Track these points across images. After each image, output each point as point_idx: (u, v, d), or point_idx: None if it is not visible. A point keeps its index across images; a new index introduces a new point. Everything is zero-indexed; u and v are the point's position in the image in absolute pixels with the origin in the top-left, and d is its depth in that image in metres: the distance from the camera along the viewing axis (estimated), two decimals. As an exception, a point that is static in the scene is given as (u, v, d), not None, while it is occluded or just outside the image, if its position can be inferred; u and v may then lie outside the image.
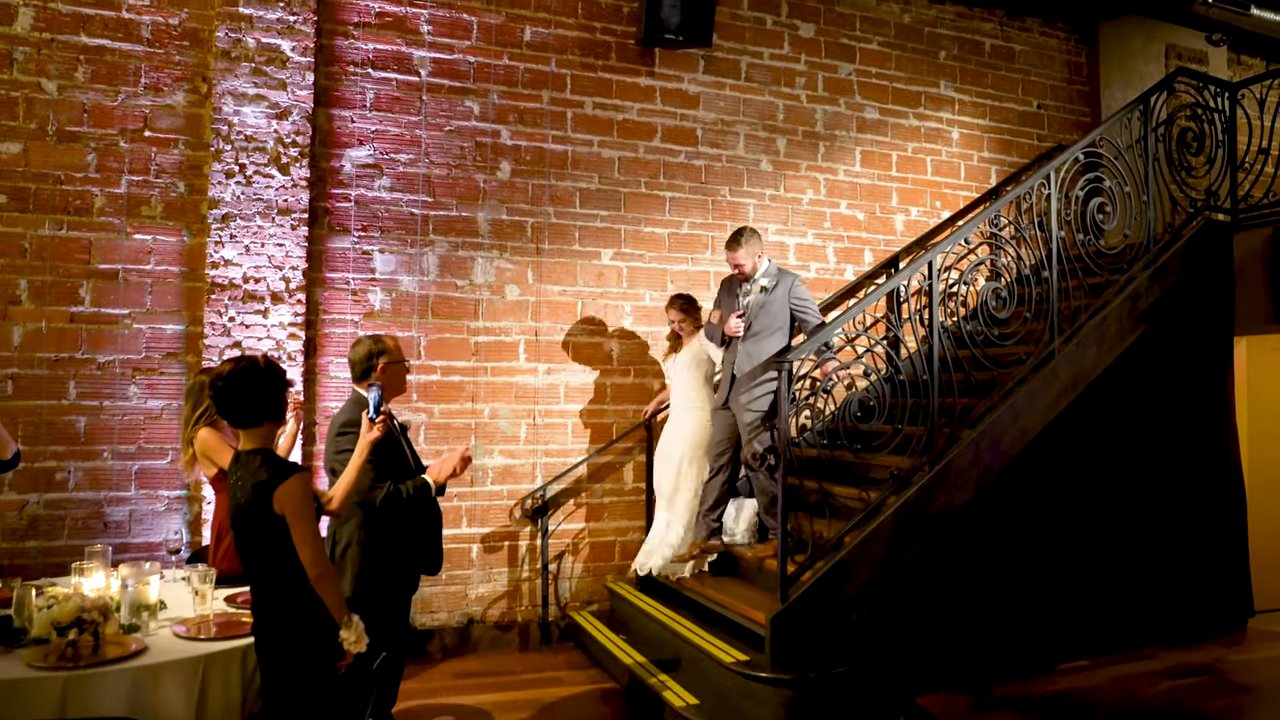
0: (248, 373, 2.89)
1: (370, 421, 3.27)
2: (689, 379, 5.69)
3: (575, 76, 6.07)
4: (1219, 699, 4.95)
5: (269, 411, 2.93)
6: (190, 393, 4.23)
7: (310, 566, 2.81)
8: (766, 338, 5.20)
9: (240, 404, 2.88)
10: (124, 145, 5.14)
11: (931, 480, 4.88)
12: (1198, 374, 6.15)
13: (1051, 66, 7.62)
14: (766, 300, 5.22)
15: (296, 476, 2.81)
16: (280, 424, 3.05)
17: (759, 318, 5.22)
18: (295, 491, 2.79)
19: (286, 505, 2.78)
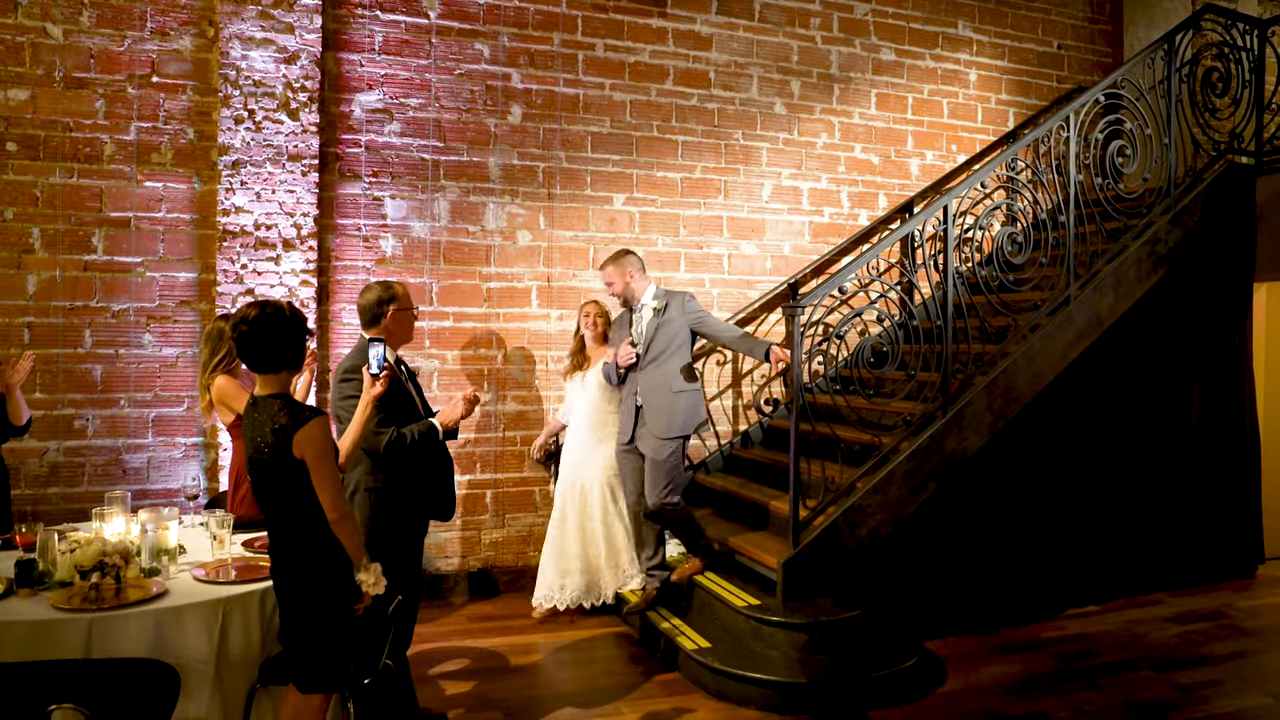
0: (271, 318, 2.88)
1: (373, 378, 3.28)
2: (602, 401, 5.29)
3: (586, 18, 5.96)
4: (1226, 643, 4.98)
5: (289, 358, 2.93)
6: (209, 338, 4.24)
7: (330, 509, 2.84)
8: (668, 359, 4.83)
9: (261, 349, 2.88)
10: (132, 91, 5.09)
11: (945, 425, 4.88)
12: (1216, 319, 6.09)
13: (1073, 5, 7.43)
14: (661, 321, 4.87)
15: (316, 420, 2.82)
16: (298, 371, 3.06)
17: (656, 340, 4.85)
18: (315, 435, 2.80)
19: (306, 449, 2.79)
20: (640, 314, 4.95)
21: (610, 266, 4.99)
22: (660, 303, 4.91)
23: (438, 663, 4.53)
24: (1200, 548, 6.08)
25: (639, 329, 4.92)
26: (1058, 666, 4.57)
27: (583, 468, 5.27)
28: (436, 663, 4.53)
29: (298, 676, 2.93)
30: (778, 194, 6.54)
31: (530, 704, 4.08)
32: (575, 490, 5.27)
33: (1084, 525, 5.66)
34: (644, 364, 4.85)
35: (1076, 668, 4.56)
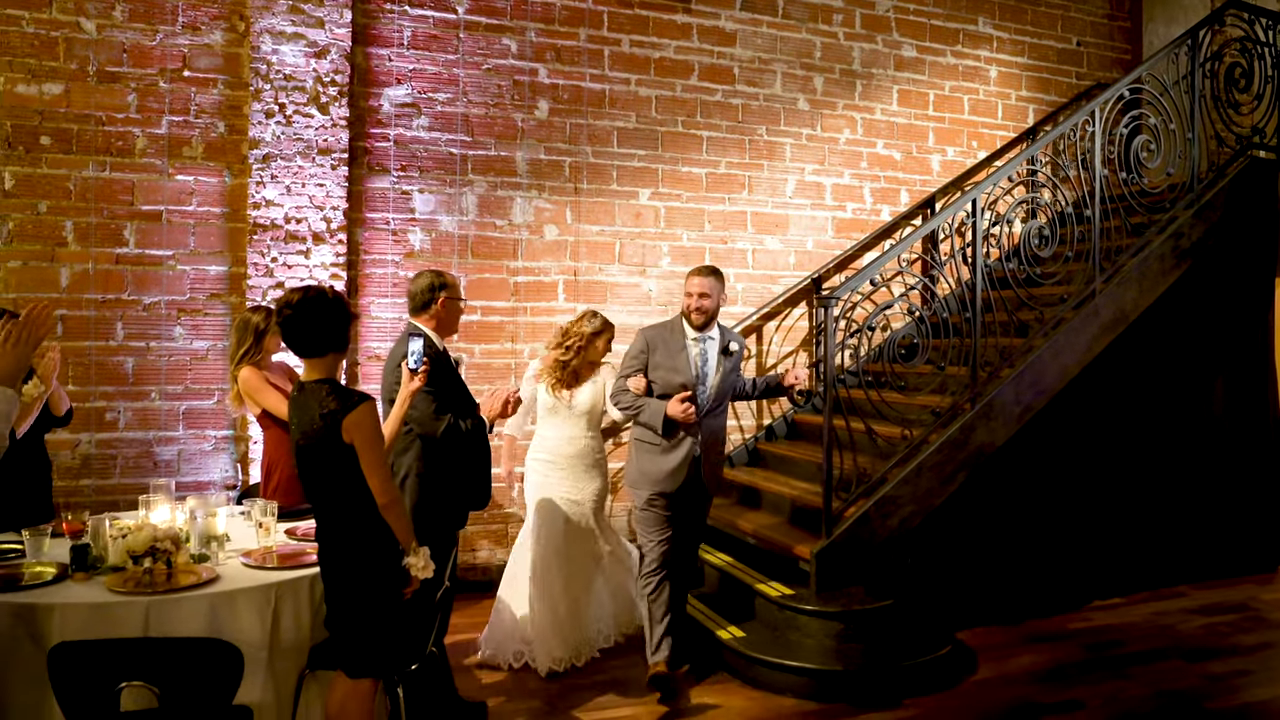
0: (315, 302, 2.89)
1: (411, 372, 3.30)
2: (587, 427, 4.51)
3: (612, 13, 5.99)
4: (1254, 634, 5.01)
5: (334, 342, 2.95)
6: (236, 329, 4.26)
7: (380, 494, 2.86)
8: (724, 409, 4.33)
9: (306, 333, 2.90)
10: (164, 85, 5.12)
11: (973, 418, 4.91)
12: (1239, 314, 6.12)
13: (1092, 2, 7.46)
14: (732, 365, 4.27)
15: (365, 405, 2.84)
16: (343, 355, 3.07)
17: (723, 384, 4.22)
18: (364, 420, 2.82)
19: (356, 434, 2.81)
20: (703, 346, 4.17)
21: (711, 279, 4.18)
22: (737, 344, 4.28)
23: (473, 653, 4.55)
24: (1223, 542, 6.11)
25: (699, 366, 4.15)
26: (1086, 656, 4.60)
27: (573, 505, 4.47)
28: (471, 653, 4.55)
29: (346, 662, 2.96)
30: (801, 189, 6.57)
31: (568, 691, 4.11)
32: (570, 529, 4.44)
33: (1108, 518, 5.69)
34: (707, 411, 4.16)
35: (1105, 657, 4.58)
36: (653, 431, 4.13)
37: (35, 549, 3.24)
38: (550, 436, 4.52)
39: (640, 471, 4.20)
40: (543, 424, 4.56)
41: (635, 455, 4.25)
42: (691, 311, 4.16)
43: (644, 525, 4.20)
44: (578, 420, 4.49)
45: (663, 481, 4.14)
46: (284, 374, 4.29)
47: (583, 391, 4.51)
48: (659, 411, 4.07)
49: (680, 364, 4.13)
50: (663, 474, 4.13)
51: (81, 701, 2.32)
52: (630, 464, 4.29)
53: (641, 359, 4.20)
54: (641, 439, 4.21)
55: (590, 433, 4.51)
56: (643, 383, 4.16)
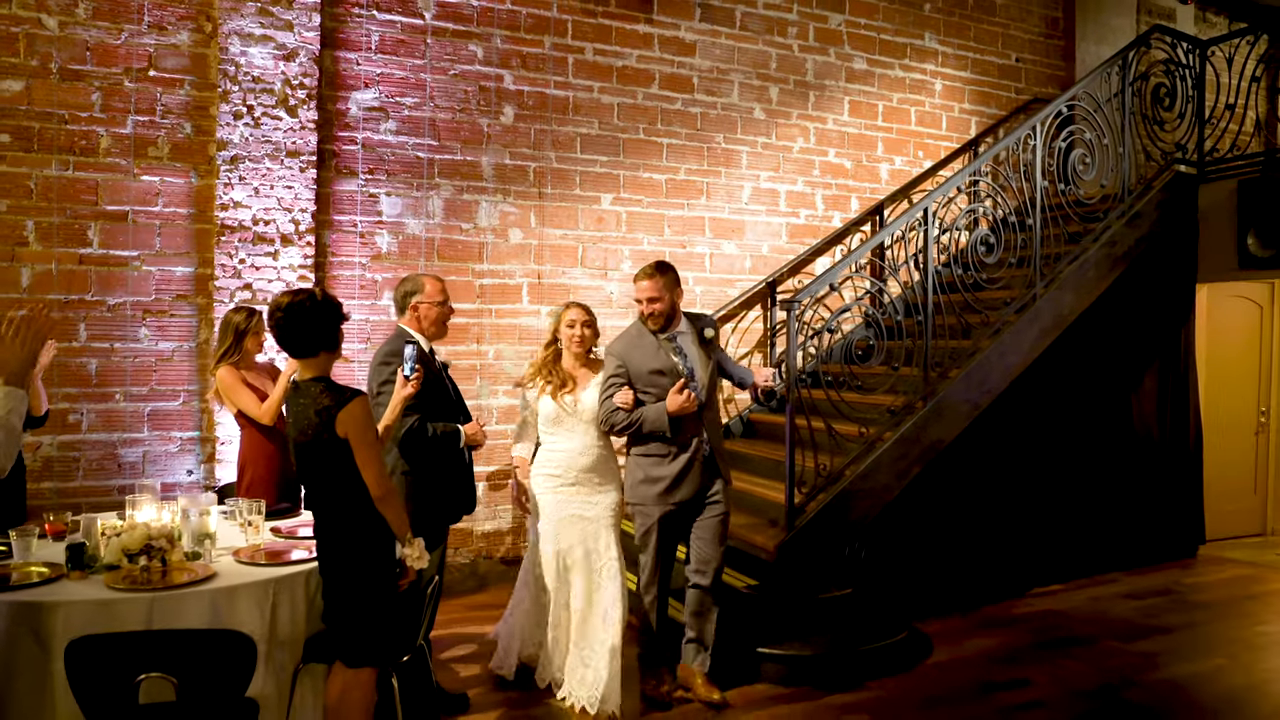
0: (302, 305, 2.99)
1: (405, 379, 3.40)
2: (597, 434, 4.02)
3: (576, 22, 6.12)
4: (1179, 615, 5.38)
5: (324, 342, 3.04)
6: (220, 328, 4.33)
7: (374, 486, 2.95)
8: (716, 405, 4.18)
9: (296, 335, 2.99)
10: (129, 84, 5.10)
11: (926, 416, 5.16)
12: (1164, 318, 6.52)
13: (1030, 20, 7.85)
14: (716, 355, 4.16)
15: (358, 400, 2.94)
16: (335, 354, 3.14)
17: (711, 377, 4.08)
18: (358, 414, 2.92)
19: (350, 428, 2.91)
20: (679, 343, 4.03)
21: (658, 279, 3.99)
22: (711, 330, 4.14)
23: (447, 648, 4.64)
24: (1149, 530, 6.50)
25: (685, 363, 4.00)
26: (1034, 639, 4.89)
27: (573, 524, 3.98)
28: (446, 648, 4.64)
29: (346, 652, 3.04)
30: (757, 196, 6.79)
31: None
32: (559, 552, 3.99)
33: (1048, 509, 6.02)
34: (704, 405, 4.00)
35: (1050, 639, 4.89)
36: (657, 441, 3.91)
37: (24, 549, 3.25)
38: (560, 450, 3.98)
39: (649, 487, 3.95)
40: (548, 436, 4.03)
41: (643, 471, 3.97)
42: (646, 318, 4.00)
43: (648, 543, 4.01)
44: (587, 427, 3.97)
45: (678, 491, 3.92)
46: (267, 375, 4.33)
47: (588, 394, 4.00)
48: (661, 413, 3.85)
49: (663, 363, 3.94)
50: (675, 483, 3.91)
51: (100, 695, 2.37)
52: (636, 482, 4.00)
53: (621, 374, 3.95)
54: (645, 453, 3.97)
55: (603, 440, 4.01)
56: (630, 395, 3.89)
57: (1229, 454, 7.11)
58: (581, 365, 4.09)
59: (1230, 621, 5.33)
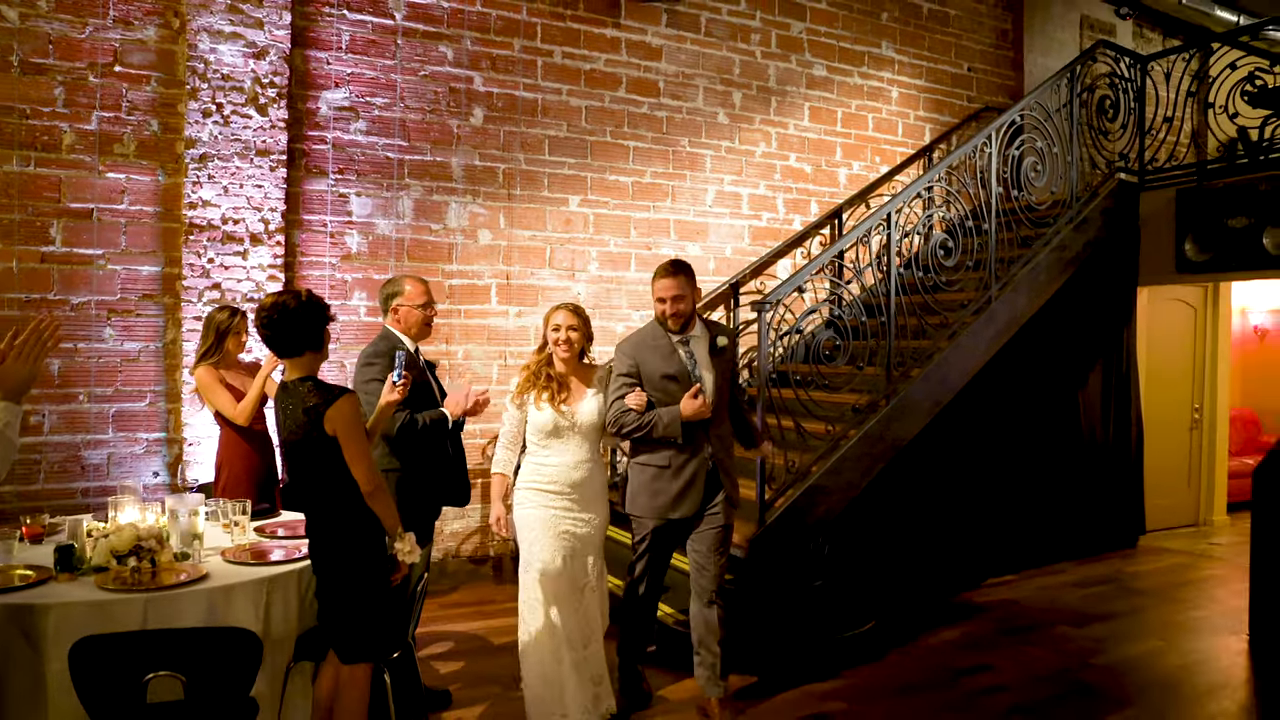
0: (285, 306, 3.02)
1: (393, 384, 3.42)
2: (594, 445, 3.80)
3: (545, 25, 6.18)
4: (1123, 601, 5.67)
5: (309, 342, 3.07)
6: (203, 327, 4.32)
7: (364, 482, 2.99)
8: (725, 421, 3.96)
9: (281, 335, 3.03)
10: (94, 80, 5.02)
11: (889, 413, 5.33)
12: (1108, 319, 6.82)
13: (981, 31, 8.12)
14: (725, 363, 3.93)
15: (346, 397, 2.98)
16: (321, 353, 3.16)
17: (722, 390, 3.89)
18: (345, 411, 2.96)
19: (338, 425, 2.95)
20: (692, 347, 3.85)
21: (681, 277, 3.78)
22: (724, 339, 3.93)
23: (424, 646, 4.67)
24: (1094, 522, 6.80)
25: (695, 369, 3.82)
26: (993, 627, 5.11)
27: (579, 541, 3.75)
28: (424, 646, 4.67)
29: (341, 648, 3.07)
30: (720, 199, 6.92)
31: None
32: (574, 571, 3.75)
33: (1001, 503, 6.26)
34: (716, 415, 3.83)
35: (1009, 627, 5.11)
36: (666, 447, 3.76)
37: (4, 552, 3.22)
38: (552, 464, 3.71)
39: (649, 499, 3.81)
40: (541, 448, 3.74)
41: (644, 481, 3.83)
42: (668, 317, 3.79)
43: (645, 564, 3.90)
44: (584, 440, 3.73)
45: (679, 507, 3.77)
46: (249, 375, 4.32)
47: (586, 404, 3.74)
48: (675, 416, 3.68)
49: (676, 368, 3.76)
50: (678, 499, 3.77)
51: (106, 695, 2.38)
52: (639, 491, 3.85)
53: (633, 374, 3.78)
54: (650, 463, 3.81)
55: (597, 455, 3.80)
56: (643, 398, 3.72)
57: (1166, 449, 7.46)
58: (575, 372, 3.80)
59: (1168, 607, 5.62)
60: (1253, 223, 5.96)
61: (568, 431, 3.71)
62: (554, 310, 3.82)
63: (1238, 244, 6.06)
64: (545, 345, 3.83)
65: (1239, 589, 5.54)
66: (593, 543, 3.78)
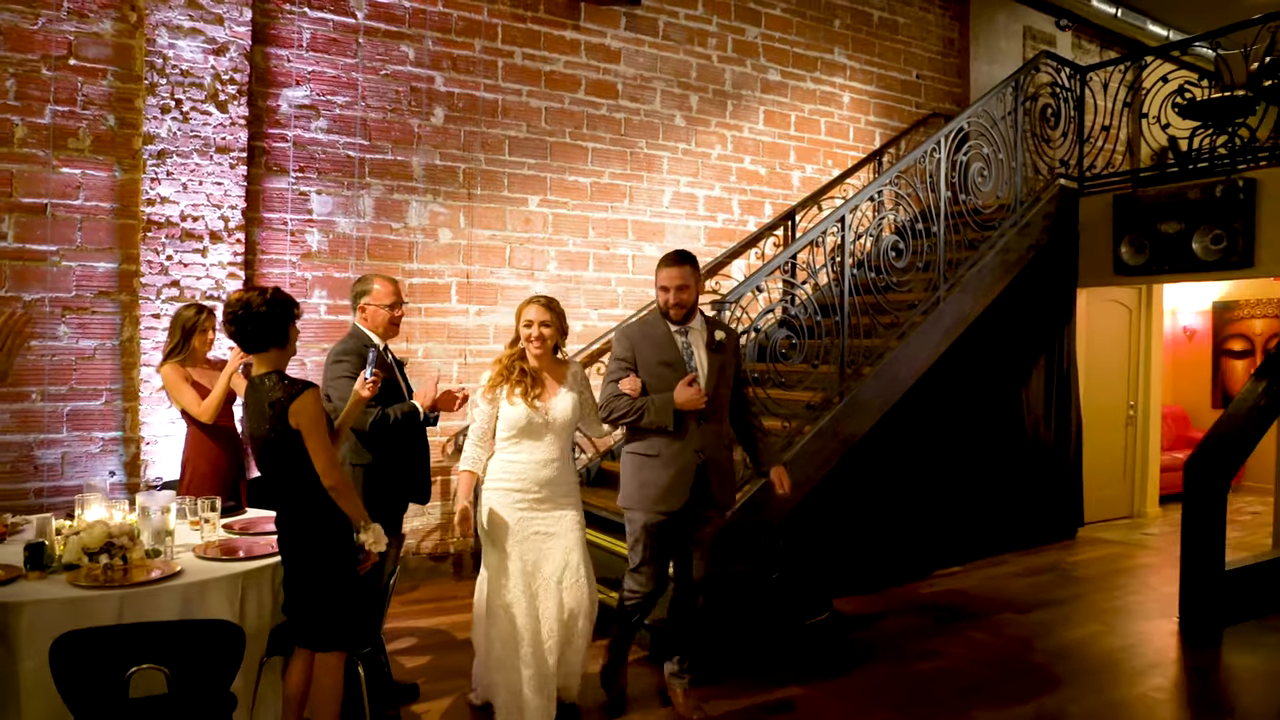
0: (249, 303, 3.08)
1: (365, 380, 3.46)
2: (565, 443, 3.71)
3: (506, 26, 6.23)
4: (1064, 589, 5.93)
5: (273, 338, 3.10)
6: (170, 324, 4.35)
7: (324, 475, 3.01)
8: (723, 410, 3.88)
9: (244, 331, 3.08)
10: (47, 72, 4.94)
11: (842, 411, 5.51)
12: (1050, 320, 7.09)
13: (929, 39, 8.36)
14: (724, 360, 3.84)
15: (308, 391, 3.03)
16: (285, 349, 3.19)
17: (719, 383, 3.80)
18: (307, 406, 3.00)
19: (300, 419, 2.99)
20: (689, 339, 3.81)
21: (685, 266, 3.75)
22: (722, 334, 3.87)
23: (389, 641, 4.68)
24: (1036, 515, 7.07)
25: (691, 360, 3.78)
26: (941, 614, 5.30)
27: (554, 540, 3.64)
28: (388, 641, 4.67)
29: (312, 638, 3.11)
30: (677, 200, 7.04)
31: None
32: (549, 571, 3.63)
33: (948, 497, 6.47)
34: (708, 414, 3.76)
35: (957, 614, 5.31)
36: (658, 436, 3.71)
37: (-32, 552, 3.19)
38: (520, 461, 3.60)
39: (642, 486, 3.76)
40: (511, 445, 3.63)
41: (632, 470, 3.80)
42: (671, 307, 3.74)
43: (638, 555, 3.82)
44: (556, 438, 3.63)
45: (668, 497, 3.70)
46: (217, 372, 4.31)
47: (560, 400, 3.65)
48: (668, 404, 3.64)
49: (672, 357, 3.73)
50: (666, 487, 3.70)
51: (89, 690, 2.40)
52: (627, 481, 3.82)
53: (630, 358, 3.78)
54: (639, 451, 3.78)
55: (568, 453, 3.73)
56: (637, 383, 3.71)
57: (1103, 444, 7.77)
58: (548, 367, 3.69)
59: (1105, 594, 5.88)
60: (1184, 228, 6.27)
61: (541, 428, 3.59)
62: (526, 304, 3.71)
63: (1170, 248, 6.36)
64: (518, 339, 3.71)
65: (1170, 576, 5.81)
66: (565, 542, 3.63)
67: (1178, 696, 4.31)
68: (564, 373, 3.74)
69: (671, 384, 3.69)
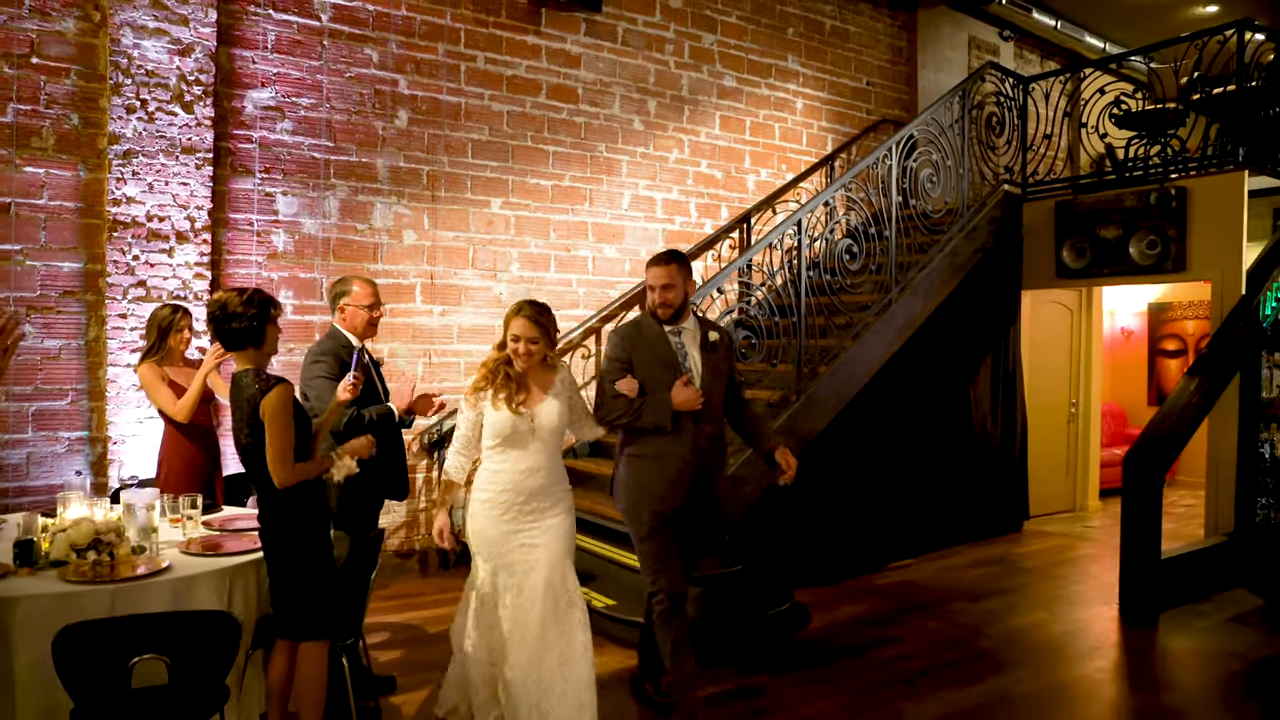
0: (226, 304, 3.16)
1: (348, 385, 3.53)
2: (554, 450, 3.49)
3: (469, 31, 6.32)
4: (1012, 579, 6.19)
5: (248, 338, 3.19)
6: (147, 324, 4.38)
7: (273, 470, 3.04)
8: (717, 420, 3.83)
9: (223, 330, 3.17)
10: (8, 70, 4.92)
11: (799, 409, 5.70)
12: (996, 321, 7.38)
13: (879, 48, 8.63)
14: (716, 361, 3.79)
15: (278, 387, 3.11)
16: (261, 348, 3.25)
17: (713, 385, 3.75)
18: (273, 400, 3.07)
19: (266, 411, 3.08)
20: (682, 339, 3.76)
21: (671, 266, 3.72)
22: (715, 334, 3.81)
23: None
24: (985, 509, 7.35)
25: (685, 361, 3.73)
26: (897, 604, 5.52)
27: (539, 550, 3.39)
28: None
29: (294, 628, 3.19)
30: (636, 203, 7.19)
31: (466, 664, 4.45)
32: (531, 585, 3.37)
33: (901, 491, 6.71)
34: (708, 412, 3.72)
35: (912, 603, 5.53)
36: (654, 437, 3.66)
37: (-53, 551, 3.20)
38: (505, 470, 3.40)
39: (640, 488, 3.70)
40: (496, 453, 3.43)
41: (629, 472, 3.76)
42: (657, 306, 3.73)
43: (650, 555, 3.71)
44: (543, 445, 3.42)
45: (666, 496, 3.65)
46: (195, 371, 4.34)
47: (547, 407, 3.43)
48: (665, 404, 3.59)
49: (666, 356, 3.69)
50: (664, 487, 3.65)
51: (92, 680, 2.46)
52: (625, 483, 3.78)
53: (625, 359, 3.73)
54: (636, 453, 3.73)
55: (556, 460, 3.49)
56: (635, 384, 3.65)
57: (1046, 441, 8.09)
58: (535, 373, 3.47)
59: (1050, 583, 6.16)
60: (1122, 233, 6.59)
61: (526, 435, 3.38)
62: (514, 315, 3.42)
63: (1109, 253, 6.68)
64: (504, 345, 3.47)
65: (1110, 565, 6.13)
66: (558, 549, 3.41)
67: (1118, 676, 4.57)
68: (552, 378, 3.50)
69: (666, 384, 3.63)
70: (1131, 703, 4.23)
